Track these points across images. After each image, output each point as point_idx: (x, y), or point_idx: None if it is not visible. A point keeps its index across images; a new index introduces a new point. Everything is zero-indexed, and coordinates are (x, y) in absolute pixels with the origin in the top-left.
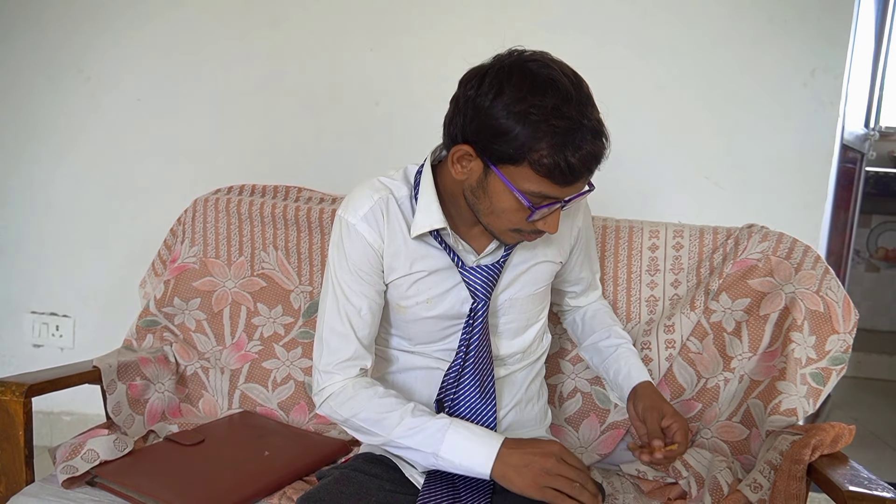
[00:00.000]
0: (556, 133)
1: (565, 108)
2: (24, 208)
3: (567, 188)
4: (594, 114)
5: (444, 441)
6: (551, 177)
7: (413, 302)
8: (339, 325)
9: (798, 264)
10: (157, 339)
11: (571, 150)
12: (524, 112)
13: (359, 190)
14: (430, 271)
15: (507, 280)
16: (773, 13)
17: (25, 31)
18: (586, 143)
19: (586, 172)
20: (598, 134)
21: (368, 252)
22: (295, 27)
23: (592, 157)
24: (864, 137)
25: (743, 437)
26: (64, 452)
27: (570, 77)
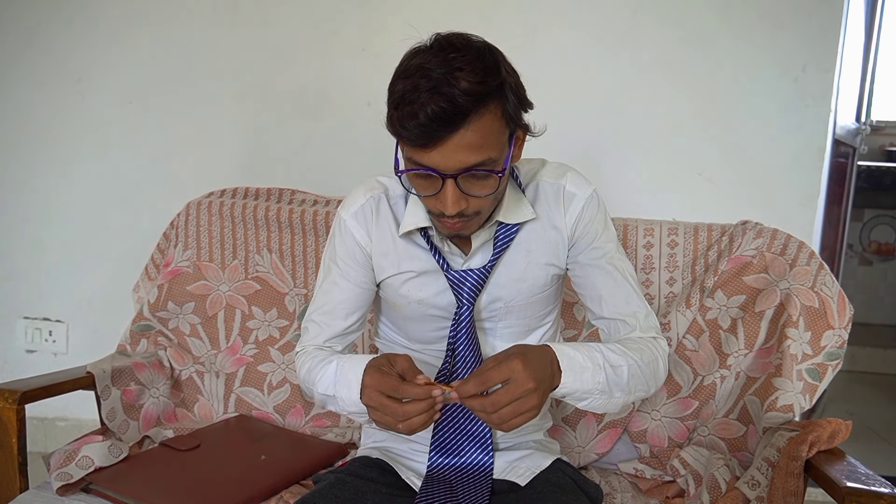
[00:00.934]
0: (397, 91)
1: (414, 69)
2: (15, 213)
3: (428, 151)
4: (443, 71)
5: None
6: (401, 136)
7: (406, 301)
8: (318, 315)
9: (792, 260)
10: (152, 344)
11: (407, 106)
12: (392, 78)
13: (356, 187)
14: (419, 272)
15: (501, 284)
16: (764, 9)
17: (15, 34)
18: (421, 97)
19: (437, 130)
20: (435, 89)
21: (355, 249)
22: (285, 28)
23: (428, 115)
24: (855, 132)
25: (740, 434)
26: (58, 459)
27: (448, 42)
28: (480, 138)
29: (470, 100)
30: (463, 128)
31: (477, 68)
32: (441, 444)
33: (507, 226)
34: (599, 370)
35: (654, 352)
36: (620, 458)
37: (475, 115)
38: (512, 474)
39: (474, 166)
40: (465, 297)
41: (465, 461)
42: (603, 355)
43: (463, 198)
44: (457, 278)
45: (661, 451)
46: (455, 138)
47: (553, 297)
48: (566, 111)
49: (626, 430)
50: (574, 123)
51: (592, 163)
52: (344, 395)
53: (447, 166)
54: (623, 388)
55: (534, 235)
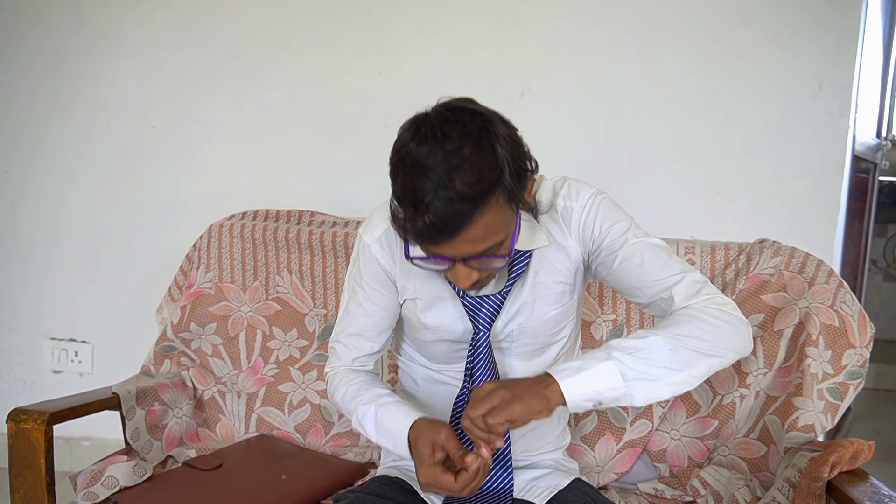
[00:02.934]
0: (399, 185)
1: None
2: (41, 235)
3: (434, 246)
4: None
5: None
6: (408, 231)
7: (424, 325)
8: (344, 337)
9: (811, 278)
10: (175, 365)
11: (410, 212)
12: (393, 153)
13: (378, 210)
14: (438, 297)
15: (514, 309)
16: (780, 27)
17: (43, 62)
18: (420, 206)
19: (431, 236)
20: (435, 194)
21: (379, 272)
22: (305, 53)
23: (427, 223)
24: (876, 147)
25: (761, 454)
26: (84, 479)
27: (442, 132)
28: (484, 232)
29: (470, 205)
30: (465, 229)
31: (475, 165)
32: None
33: (521, 252)
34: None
35: (701, 314)
36: (640, 478)
37: (478, 215)
38: (530, 494)
39: (482, 253)
40: (482, 322)
41: (485, 484)
42: (610, 348)
43: (474, 272)
44: (473, 305)
45: (681, 470)
46: (460, 237)
47: (566, 314)
48: (583, 129)
49: (646, 450)
50: (591, 141)
51: (610, 180)
52: (390, 448)
53: (455, 255)
54: (665, 364)
55: (540, 259)
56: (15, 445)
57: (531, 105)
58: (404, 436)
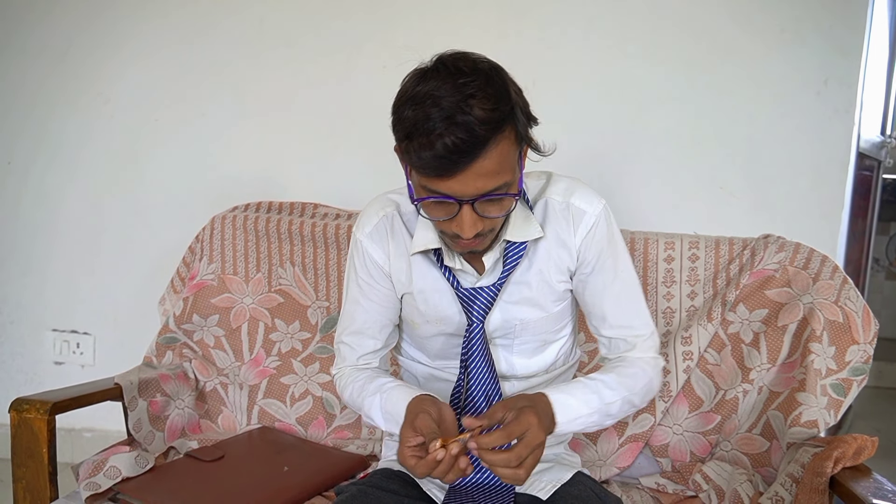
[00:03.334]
0: (407, 119)
1: (424, 97)
2: (44, 227)
3: (445, 181)
4: (455, 99)
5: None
6: (416, 166)
7: (424, 320)
8: (346, 336)
9: (816, 274)
10: (177, 356)
11: (421, 137)
12: (396, 101)
13: (368, 206)
14: (433, 290)
15: (514, 303)
16: (785, 23)
17: (46, 55)
18: (435, 127)
19: (447, 162)
20: (450, 119)
21: (374, 268)
22: (308, 46)
23: (447, 146)
24: (880, 145)
25: (763, 449)
26: (87, 469)
27: (454, 66)
28: (497, 164)
29: (487, 128)
30: (481, 157)
31: (489, 94)
32: None
33: (516, 244)
34: (594, 414)
35: (649, 373)
36: (642, 473)
37: (493, 143)
38: (533, 488)
39: (492, 191)
40: (476, 314)
41: (486, 477)
42: (599, 396)
43: (479, 220)
44: (467, 296)
45: (684, 465)
46: (474, 167)
47: (567, 312)
48: (586, 125)
49: (648, 445)
50: (595, 138)
51: (613, 177)
52: (396, 432)
53: (464, 193)
54: (613, 416)
55: (543, 253)
56: (17, 435)
57: (534, 101)
58: (402, 418)
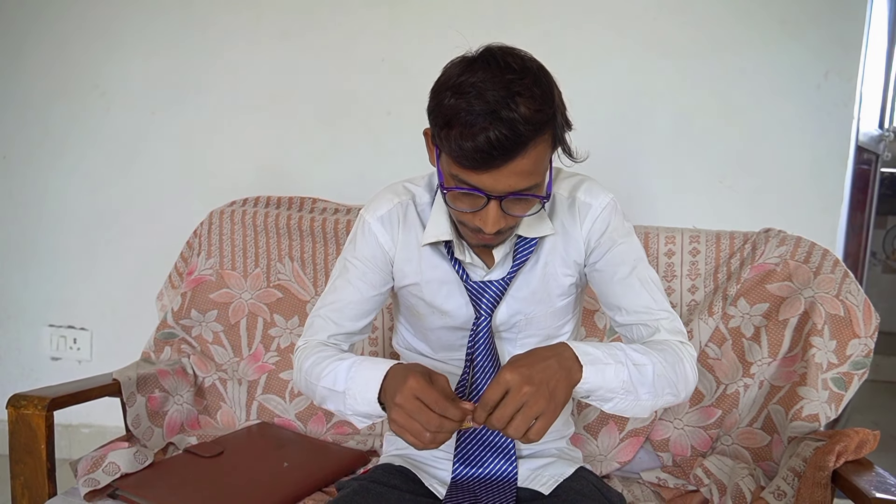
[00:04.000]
0: (448, 108)
1: (469, 87)
2: (40, 222)
3: (479, 174)
4: (502, 95)
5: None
6: (453, 157)
7: (429, 311)
8: (326, 311)
9: (817, 268)
10: (175, 352)
11: (464, 128)
12: (437, 86)
13: (382, 192)
14: (442, 282)
15: (521, 297)
16: (786, 16)
17: (41, 48)
18: (479, 121)
19: (487, 156)
20: (495, 115)
21: (377, 252)
22: (307, 38)
23: (489, 141)
24: (878, 138)
25: (764, 443)
26: (85, 465)
27: (504, 61)
28: (533, 165)
29: (530, 128)
30: (521, 156)
31: (536, 95)
32: (464, 455)
33: (527, 239)
34: (622, 367)
35: (679, 353)
36: (643, 467)
37: (533, 144)
38: (535, 483)
39: (522, 191)
40: (484, 308)
41: (488, 471)
42: (625, 353)
43: (503, 217)
44: (476, 289)
45: (684, 460)
46: (511, 165)
47: (572, 307)
48: (587, 119)
49: (649, 439)
50: (594, 131)
51: (613, 171)
52: (357, 392)
53: (495, 189)
54: (649, 387)
55: (550, 248)
56: (15, 431)
57: None
58: (379, 378)
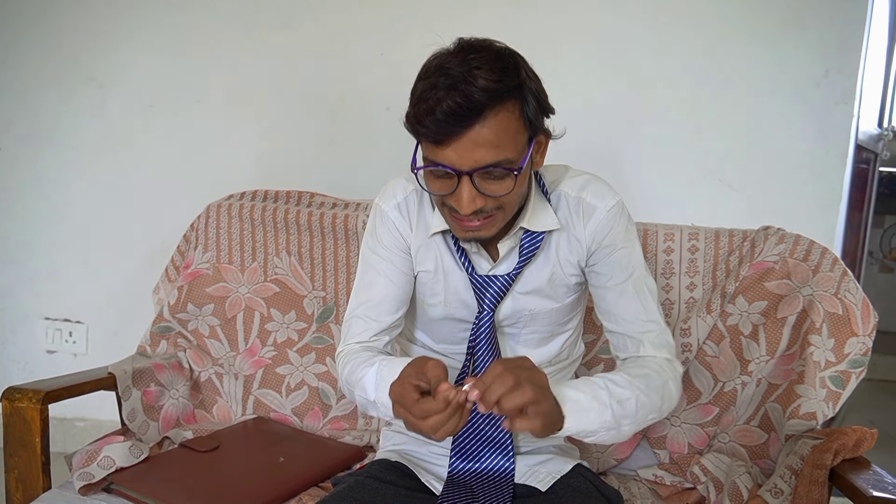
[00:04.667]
0: (417, 91)
1: (434, 70)
2: (36, 215)
3: (443, 148)
4: (461, 70)
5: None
6: (418, 133)
7: (436, 301)
8: (363, 310)
9: (815, 266)
10: (171, 346)
11: (424, 103)
12: (414, 82)
13: (395, 180)
14: (450, 273)
15: (526, 293)
16: (787, 14)
17: (37, 39)
18: (438, 94)
19: (452, 125)
20: (453, 87)
21: (399, 239)
22: (305, 32)
23: (444, 110)
24: (877, 137)
25: (762, 441)
26: (80, 459)
27: (469, 44)
28: (496, 136)
29: (486, 96)
30: (478, 123)
31: (495, 68)
32: (462, 449)
33: (533, 234)
34: (606, 408)
35: (663, 374)
36: (640, 465)
37: (491, 112)
38: (532, 479)
39: (490, 165)
40: (488, 302)
41: (485, 466)
42: (608, 392)
43: (479, 196)
44: (481, 283)
45: (681, 457)
46: (470, 134)
47: (576, 304)
48: (586, 115)
49: (646, 436)
50: (594, 128)
51: (613, 168)
52: (384, 402)
53: (462, 164)
54: (632, 419)
55: (557, 246)
56: (10, 424)
57: None
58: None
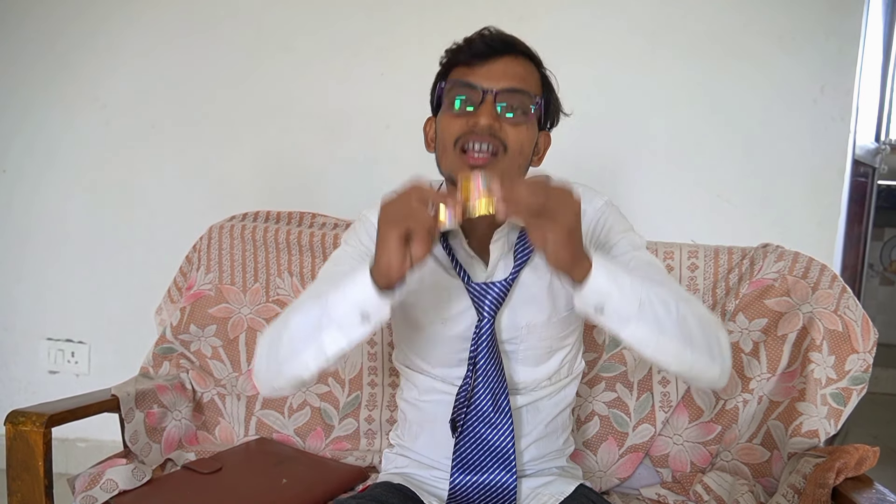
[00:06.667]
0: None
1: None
2: (39, 235)
3: (473, 69)
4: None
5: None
6: (457, 59)
7: (428, 321)
8: (302, 296)
9: (815, 284)
10: (174, 367)
11: (466, 38)
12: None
13: (386, 194)
14: (442, 287)
15: (522, 304)
16: (783, 31)
17: (42, 61)
18: (482, 31)
19: (489, 48)
20: (495, 31)
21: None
22: (306, 53)
23: (491, 34)
24: (875, 151)
25: (764, 459)
26: (83, 482)
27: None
28: (524, 73)
29: (523, 45)
30: (512, 57)
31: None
32: (463, 461)
33: (525, 239)
34: (639, 285)
35: (709, 316)
36: (642, 483)
37: (523, 58)
38: (535, 501)
39: (515, 89)
40: (487, 309)
41: (487, 480)
42: (643, 283)
43: (497, 119)
44: (478, 291)
45: (684, 476)
46: (504, 60)
47: (574, 318)
48: (585, 132)
49: (648, 455)
50: (592, 145)
51: (611, 184)
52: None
53: (491, 83)
54: (674, 325)
55: None
56: (13, 448)
57: None
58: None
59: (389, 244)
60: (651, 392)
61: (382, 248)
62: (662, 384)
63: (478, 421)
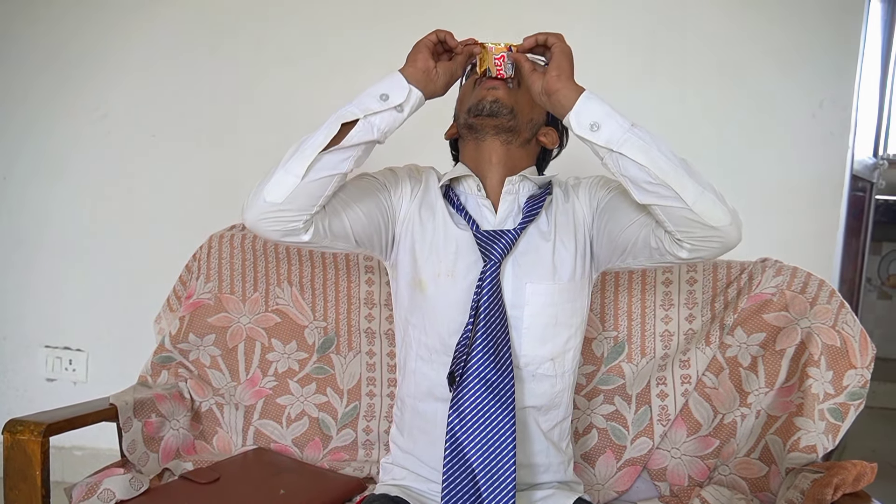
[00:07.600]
0: None
1: None
2: (39, 243)
3: None
4: None
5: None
6: None
7: (434, 273)
8: None
9: (813, 299)
10: (172, 376)
11: None
12: None
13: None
14: (452, 238)
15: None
16: (780, 45)
17: (44, 70)
18: None
19: None
20: None
21: (402, 179)
22: (307, 63)
23: None
24: (873, 166)
25: (762, 473)
26: (80, 492)
27: None
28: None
29: None
30: None
31: None
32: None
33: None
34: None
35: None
36: (640, 497)
37: None
38: None
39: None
40: (494, 256)
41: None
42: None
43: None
44: (486, 238)
45: (682, 489)
46: None
47: (579, 292)
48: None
49: (646, 468)
50: (593, 160)
51: None
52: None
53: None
54: (669, 150)
55: (558, 218)
56: (10, 457)
57: None
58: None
59: (420, 52)
60: (649, 405)
61: (412, 55)
62: (661, 397)
63: (475, 373)
